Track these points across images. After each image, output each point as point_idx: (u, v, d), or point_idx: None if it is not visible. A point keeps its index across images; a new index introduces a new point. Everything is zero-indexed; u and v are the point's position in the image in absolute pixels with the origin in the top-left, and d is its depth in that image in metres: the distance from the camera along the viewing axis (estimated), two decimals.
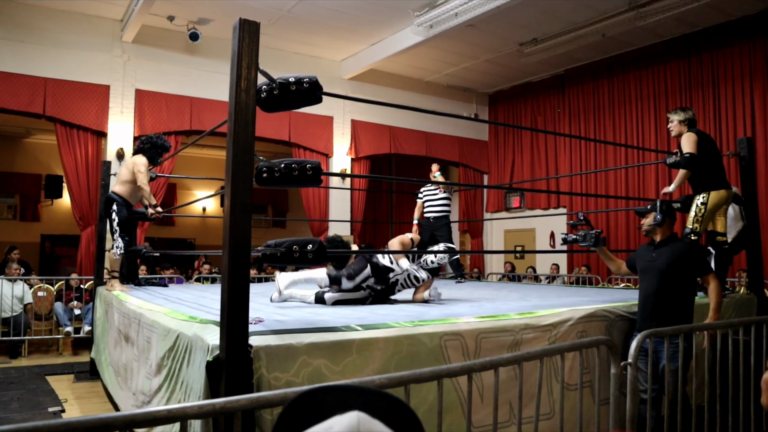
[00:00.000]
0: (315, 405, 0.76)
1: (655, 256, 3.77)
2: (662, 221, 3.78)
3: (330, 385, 0.79)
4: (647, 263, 3.80)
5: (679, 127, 4.88)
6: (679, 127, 4.88)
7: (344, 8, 8.45)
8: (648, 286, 3.74)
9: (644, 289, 3.77)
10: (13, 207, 12.99)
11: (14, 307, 7.50)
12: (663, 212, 3.78)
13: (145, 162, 5.77)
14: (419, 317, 3.16)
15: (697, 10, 8.08)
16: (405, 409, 0.77)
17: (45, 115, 8.17)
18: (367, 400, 0.76)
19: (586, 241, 4.10)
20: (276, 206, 15.88)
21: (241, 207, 2.37)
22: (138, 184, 5.69)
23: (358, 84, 10.74)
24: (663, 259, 3.71)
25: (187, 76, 9.23)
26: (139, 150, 5.92)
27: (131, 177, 5.76)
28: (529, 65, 10.71)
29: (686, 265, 3.69)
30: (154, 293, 5.28)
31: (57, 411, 4.85)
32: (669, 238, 3.81)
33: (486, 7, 7.73)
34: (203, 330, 2.67)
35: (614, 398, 2.65)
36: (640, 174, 9.82)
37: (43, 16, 8.24)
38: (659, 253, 3.76)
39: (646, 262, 3.82)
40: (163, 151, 6.01)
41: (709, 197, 4.64)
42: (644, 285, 3.78)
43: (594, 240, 4.07)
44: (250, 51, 2.45)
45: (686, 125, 4.85)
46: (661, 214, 3.77)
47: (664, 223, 3.79)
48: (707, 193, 4.67)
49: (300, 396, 0.78)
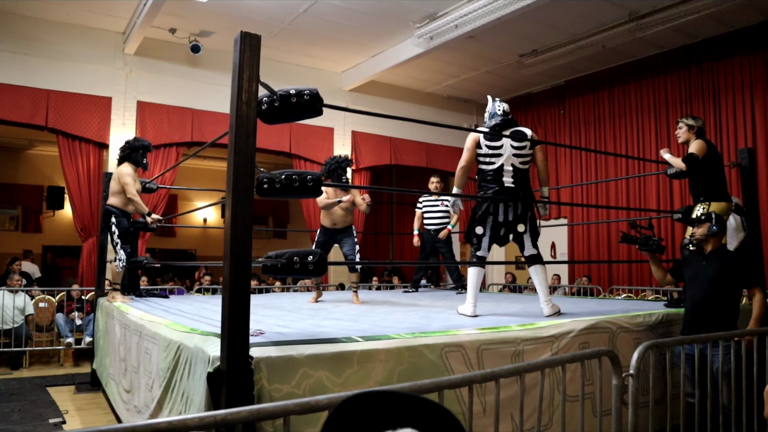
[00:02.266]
0: (366, 411, 0.74)
1: (705, 265, 3.89)
2: (717, 232, 3.89)
3: (382, 390, 0.77)
4: (696, 271, 3.92)
5: (688, 134, 4.88)
6: (688, 134, 4.88)
7: (345, 20, 8.50)
8: (696, 293, 3.87)
9: (692, 297, 3.91)
10: (15, 218, 13.02)
11: (15, 318, 7.49)
12: (717, 224, 3.89)
13: (130, 171, 5.71)
14: (420, 329, 3.16)
15: (697, 21, 8.11)
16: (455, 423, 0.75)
17: (47, 126, 8.22)
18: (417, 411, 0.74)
19: (647, 247, 4.24)
20: (277, 217, 15.89)
21: (242, 218, 2.37)
22: (128, 195, 5.63)
23: (358, 95, 10.79)
24: (713, 268, 3.84)
25: (189, 88, 9.27)
26: (123, 159, 5.84)
27: (120, 188, 5.68)
28: (529, 76, 10.74)
29: (736, 275, 3.83)
30: (155, 304, 5.27)
31: (58, 422, 4.83)
32: (720, 249, 3.95)
33: (486, 19, 7.77)
34: (204, 342, 2.67)
35: (616, 410, 2.64)
36: (641, 185, 9.81)
37: (46, 29, 8.30)
38: (710, 262, 3.88)
39: (695, 270, 3.94)
40: (145, 150, 5.89)
41: (710, 208, 4.64)
42: (692, 292, 3.92)
43: (656, 247, 4.23)
44: (251, 63, 2.46)
45: (695, 133, 4.86)
46: (716, 225, 3.88)
47: (718, 234, 3.90)
48: (707, 204, 4.67)
49: (350, 399, 0.76)
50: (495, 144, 4.06)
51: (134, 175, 5.78)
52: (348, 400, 0.75)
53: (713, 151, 4.83)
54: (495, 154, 4.07)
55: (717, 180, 4.77)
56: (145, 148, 5.90)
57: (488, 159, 4.10)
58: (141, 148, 5.87)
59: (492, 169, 4.08)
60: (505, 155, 4.06)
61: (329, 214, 5.58)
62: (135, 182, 5.72)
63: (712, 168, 4.74)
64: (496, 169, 4.07)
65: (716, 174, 4.77)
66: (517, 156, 4.07)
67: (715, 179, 4.76)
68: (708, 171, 4.73)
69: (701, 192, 4.77)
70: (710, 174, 4.74)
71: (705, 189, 4.76)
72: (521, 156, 4.09)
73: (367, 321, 3.74)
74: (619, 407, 2.64)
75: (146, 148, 5.93)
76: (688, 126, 4.89)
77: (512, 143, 4.05)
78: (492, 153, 4.07)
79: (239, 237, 2.36)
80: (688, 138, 4.88)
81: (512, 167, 4.06)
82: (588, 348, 3.40)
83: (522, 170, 4.10)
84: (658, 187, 9.49)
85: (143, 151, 5.89)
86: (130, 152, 5.83)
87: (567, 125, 11.22)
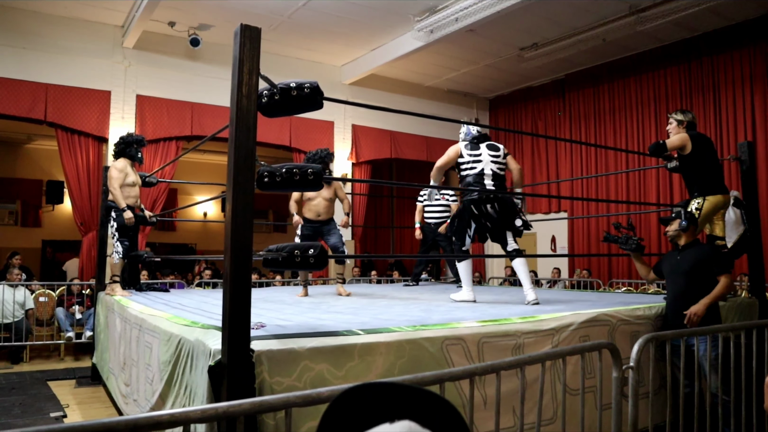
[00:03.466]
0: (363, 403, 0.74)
1: (679, 259, 4.07)
2: (687, 227, 4.07)
3: (379, 382, 0.77)
4: (673, 266, 4.11)
5: (678, 128, 4.86)
6: (678, 129, 4.86)
7: (345, 14, 8.47)
8: (675, 287, 4.04)
9: (672, 291, 4.08)
10: (15, 213, 13.01)
11: (15, 312, 7.50)
12: (687, 219, 4.10)
13: (121, 166, 5.82)
14: (421, 322, 3.16)
15: (698, 15, 8.10)
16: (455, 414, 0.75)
17: (46, 120, 8.20)
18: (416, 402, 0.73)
19: (627, 245, 4.49)
20: (277, 211, 15.88)
21: (242, 212, 2.37)
22: (109, 188, 5.76)
23: (358, 89, 10.77)
24: (687, 262, 4.01)
25: (188, 81, 9.25)
26: (117, 154, 5.95)
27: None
28: (529, 70, 10.73)
29: (709, 266, 3.97)
30: (156, 298, 5.28)
31: (59, 416, 4.84)
32: (692, 243, 4.11)
33: (486, 12, 7.75)
34: (205, 335, 2.68)
35: (616, 402, 2.65)
36: (641, 178, 9.82)
37: (44, 23, 8.27)
38: (683, 256, 4.07)
39: (671, 265, 4.13)
40: (139, 145, 6.00)
41: (704, 203, 4.61)
42: (671, 287, 4.11)
43: (635, 246, 4.49)
44: (251, 56, 2.45)
45: (684, 127, 4.84)
46: (685, 220, 4.08)
47: (688, 229, 4.07)
48: (702, 199, 4.63)
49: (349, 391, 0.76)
50: (475, 152, 4.66)
51: (126, 169, 5.85)
52: (346, 392, 0.75)
53: (703, 144, 4.75)
54: (476, 161, 4.64)
55: (710, 173, 4.71)
56: (138, 142, 6.01)
57: (470, 165, 4.64)
58: (135, 142, 5.97)
59: (474, 173, 4.62)
60: (484, 161, 4.63)
61: (313, 206, 5.68)
62: (126, 176, 5.82)
63: (704, 161, 4.71)
64: (478, 173, 4.61)
65: (709, 167, 4.72)
66: (495, 162, 4.66)
67: (709, 173, 4.71)
68: (700, 165, 4.70)
69: (694, 186, 4.72)
70: (702, 168, 4.71)
71: (698, 183, 4.70)
72: (498, 163, 4.68)
73: (367, 314, 3.75)
74: (619, 400, 2.65)
75: (140, 142, 6.03)
76: (678, 121, 4.87)
77: (489, 152, 4.67)
78: (473, 160, 4.64)
79: (240, 231, 2.36)
80: (678, 133, 4.86)
81: (492, 172, 4.63)
82: (588, 341, 3.41)
83: (500, 175, 4.69)
84: (658, 180, 9.50)
85: (137, 146, 5.99)
86: (125, 147, 5.93)
87: (567, 119, 11.21)
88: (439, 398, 0.75)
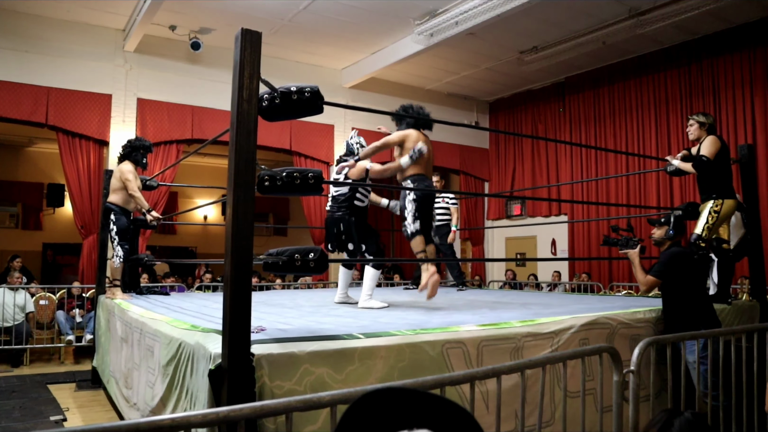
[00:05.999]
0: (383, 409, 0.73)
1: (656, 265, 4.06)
2: (674, 236, 4.02)
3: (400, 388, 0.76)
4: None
5: (699, 131, 4.85)
6: (699, 131, 4.85)
7: (345, 17, 8.49)
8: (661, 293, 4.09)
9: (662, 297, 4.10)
10: (15, 216, 13.01)
11: (16, 315, 7.50)
12: (675, 228, 4.01)
13: (131, 168, 5.81)
14: (421, 325, 3.16)
15: (698, 18, 8.11)
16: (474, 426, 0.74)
17: (47, 124, 8.21)
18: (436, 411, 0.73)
19: (627, 247, 4.33)
20: (277, 214, 15.90)
21: (243, 215, 2.38)
22: (129, 192, 5.72)
23: (359, 92, 10.78)
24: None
25: (189, 85, 9.26)
26: (123, 157, 5.95)
27: (121, 185, 5.79)
28: (529, 73, 10.74)
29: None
30: (156, 302, 5.28)
31: (59, 420, 4.84)
32: (669, 246, 4.08)
33: (486, 16, 7.76)
34: (205, 338, 2.68)
35: (617, 406, 2.65)
36: (641, 181, 9.82)
37: (46, 26, 8.29)
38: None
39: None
40: (146, 151, 6.02)
41: (723, 206, 4.62)
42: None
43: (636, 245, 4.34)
44: (252, 60, 2.46)
45: (706, 130, 4.84)
46: (673, 229, 4.01)
47: (674, 239, 4.04)
48: (722, 201, 4.63)
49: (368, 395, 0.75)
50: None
51: (135, 172, 5.84)
52: (365, 397, 0.74)
53: (725, 147, 4.80)
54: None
55: (728, 177, 4.75)
56: (146, 148, 6.02)
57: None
58: (142, 148, 5.98)
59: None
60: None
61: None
62: (136, 179, 5.79)
63: (724, 165, 4.72)
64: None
65: (728, 171, 4.76)
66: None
67: (727, 176, 4.74)
68: (721, 168, 4.70)
69: (713, 189, 4.72)
70: (723, 171, 4.71)
71: (717, 186, 4.71)
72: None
73: (367, 318, 3.74)
74: (619, 403, 2.65)
75: (147, 148, 6.04)
76: (700, 123, 4.86)
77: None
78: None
79: (240, 234, 2.36)
80: (700, 135, 4.84)
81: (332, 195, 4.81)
82: (588, 344, 3.41)
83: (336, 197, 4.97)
84: (658, 183, 9.50)
85: (144, 152, 6.01)
86: (131, 151, 5.94)
87: (567, 122, 11.22)
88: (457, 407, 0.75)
